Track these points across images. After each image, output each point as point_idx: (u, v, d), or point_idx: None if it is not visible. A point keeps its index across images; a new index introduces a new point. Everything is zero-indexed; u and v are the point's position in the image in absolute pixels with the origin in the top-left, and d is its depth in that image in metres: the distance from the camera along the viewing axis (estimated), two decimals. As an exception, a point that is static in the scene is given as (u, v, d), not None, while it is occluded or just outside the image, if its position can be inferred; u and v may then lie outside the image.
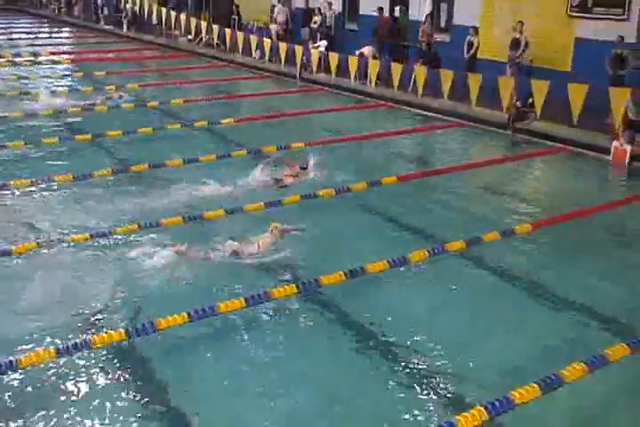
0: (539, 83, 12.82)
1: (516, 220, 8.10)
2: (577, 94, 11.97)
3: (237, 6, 23.20)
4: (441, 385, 4.89)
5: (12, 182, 8.91)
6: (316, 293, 6.25)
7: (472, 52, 14.88)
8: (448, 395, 4.78)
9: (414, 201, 9.01)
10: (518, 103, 12.30)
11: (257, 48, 19.38)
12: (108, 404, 4.74)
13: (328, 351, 5.45)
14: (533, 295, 6.46)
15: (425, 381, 4.94)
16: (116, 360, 5.27)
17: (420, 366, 5.14)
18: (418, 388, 4.88)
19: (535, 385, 4.44)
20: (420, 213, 8.55)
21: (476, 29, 15.07)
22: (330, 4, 19.21)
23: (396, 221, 8.24)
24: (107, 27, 27.45)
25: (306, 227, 7.39)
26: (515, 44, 14.13)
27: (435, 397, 4.77)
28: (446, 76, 14.06)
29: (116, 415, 4.62)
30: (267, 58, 19.03)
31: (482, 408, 4.19)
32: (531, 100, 12.27)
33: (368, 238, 7.74)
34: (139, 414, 4.62)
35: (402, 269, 6.69)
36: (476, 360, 5.21)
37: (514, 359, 5.28)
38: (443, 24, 17.37)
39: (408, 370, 5.09)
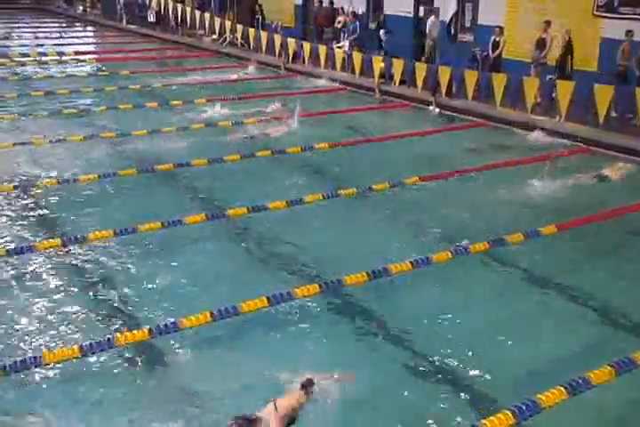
0: (564, 83, 12.70)
1: (540, 220, 7.99)
2: (603, 95, 11.81)
3: (260, 6, 23.25)
4: (465, 389, 4.84)
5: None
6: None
7: (497, 51, 14.75)
8: (473, 398, 4.73)
9: (439, 201, 8.95)
10: None
11: (281, 48, 19.41)
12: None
13: (354, 351, 5.42)
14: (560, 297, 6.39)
15: (449, 384, 4.89)
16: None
17: (443, 369, 5.08)
18: (441, 391, 4.83)
19: (562, 388, 4.37)
20: (443, 213, 8.48)
21: (501, 29, 14.94)
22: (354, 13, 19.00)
23: (418, 222, 8.20)
24: (131, 26, 27.62)
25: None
26: (540, 44, 13.96)
27: (459, 400, 4.72)
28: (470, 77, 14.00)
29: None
30: (289, 58, 19.05)
31: (509, 412, 4.13)
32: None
33: (391, 239, 7.71)
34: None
35: (425, 269, 6.64)
36: (501, 362, 5.15)
37: (540, 362, 5.21)
38: (467, 24, 17.22)
39: (430, 373, 5.04)
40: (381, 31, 17.44)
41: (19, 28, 28.00)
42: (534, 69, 14.06)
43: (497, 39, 14.80)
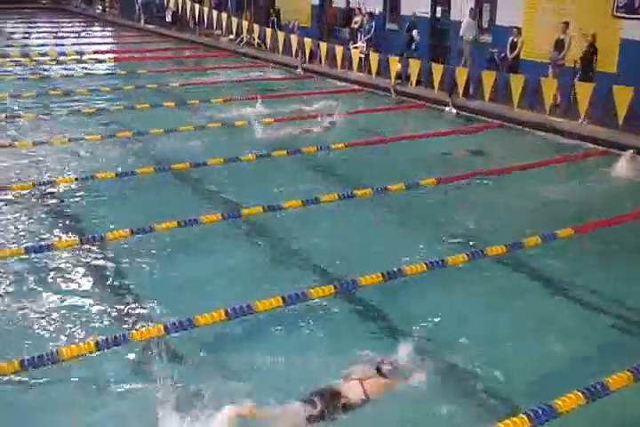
0: (583, 85, 12.60)
1: (558, 223, 7.94)
2: (623, 97, 11.71)
3: (276, 8, 23.32)
4: (480, 392, 4.81)
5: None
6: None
7: (515, 52, 14.67)
8: (488, 402, 4.70)
9: (455, 203, 8.92)
10: None
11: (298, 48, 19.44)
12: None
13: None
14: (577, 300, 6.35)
15: (464, 387, 4.87)
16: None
17: (458, 372, 5.06)
18: (456, 395, 4.81)
19: (579, 393, 4.33)
20: (459, 215, 8.45)
21: (519, 30, 14.86)
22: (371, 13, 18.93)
23: (435, 223, 8.17)
24: (149, 26, 27.78)
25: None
26: (559, 44, 13.86)
27: (475, 403, 4.69)
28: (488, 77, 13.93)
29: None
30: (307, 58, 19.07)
31: (524, 416, 4.10)
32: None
33: (407, 240, 7.69)
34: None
35: (440, 271, 6.62)
36: (517, 366, 5.12)
37: (556, 366, 5.18)
38: (485, 24, 17.13)
39: (445, 375, 5.02)
40: (414, 32, 16.98)
41: (38, 27, 28.25)
42: (552, 70, 13.96)
43: (515, 40, 14.71)
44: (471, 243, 7.46)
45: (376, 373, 4.60)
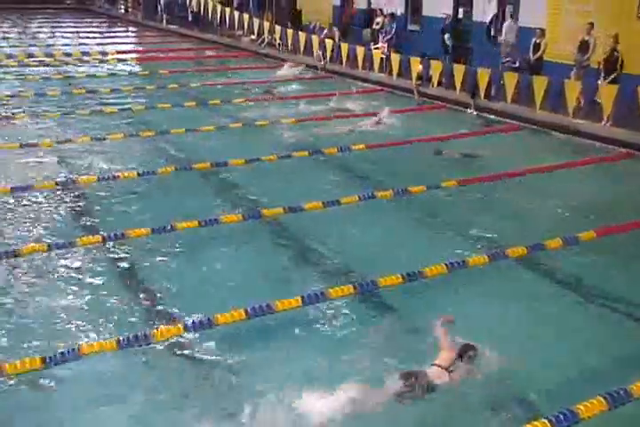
0: (607, 87, 12.47)
1: (580, 226, 7.86)
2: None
3: (298, 9, 23.38)
4: (501, 396, 4.77)
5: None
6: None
7: (538, 54, 14.54)
8: (510, 406, 4.66)
9: (477, 205, 8.87)
10: None
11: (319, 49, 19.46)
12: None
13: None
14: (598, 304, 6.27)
15: (485, 391, 4.83)
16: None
17: (478, 376, 5.02)
18: (477, 399, 4.77)
19: (601, 399, 4.28)
20: (481, 217, 8.40)
21: (542, 31, 14.73)
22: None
23: (455, 225, 8.14)
24: (171, 26, 27.97)
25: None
26: (583, 46, 13.72)
27: (496, 407, 4.65)
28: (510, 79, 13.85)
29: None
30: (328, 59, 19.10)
31: (546, 421, 4.06)
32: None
33: (427, 241, 7.66)
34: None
35: (460, 272, 6.58)
36: (539, 371, 5.07)
37: (578, 371, 5.12)
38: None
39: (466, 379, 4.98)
40: (446, 35, 16.74)
41: (62, 27, 28.54)
42: (576, 72, 13.82)
43: (538, 41, 14.59)
44: (492, 244, 7.40)
45: (459, 359, 4.89)
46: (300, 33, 20.79)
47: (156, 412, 4.66)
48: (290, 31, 21.25)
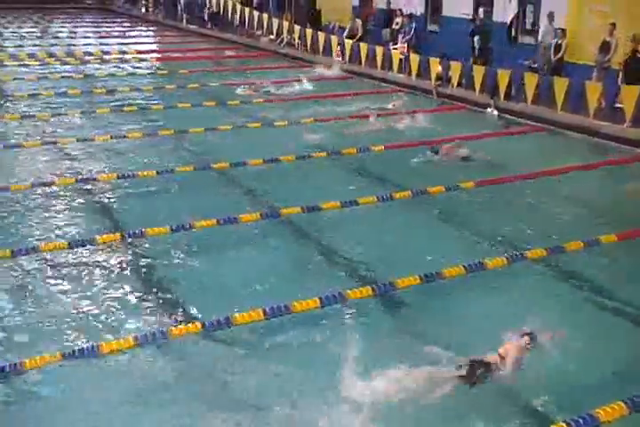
0: (628, 88, 12.34)
1: (601, 228, 7.78)
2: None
3: (317, 9, 23.38)
4: (521, 400, 4.74)
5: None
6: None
7: (559, 55, 14.42)
8: (529, 410, 4.63)
9: (494, 206, 8.81)
10: None
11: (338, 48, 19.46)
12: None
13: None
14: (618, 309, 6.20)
15: (504, 396, 4.79)
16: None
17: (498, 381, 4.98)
18: (495, 403, 4.74)
19: (622, 403, 4.23)
20: (500, 218, 8.34)
21: (563, 31, 14.60)
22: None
23: (475, 226, 8.09)
24: (191, 26, 28.10)
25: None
26: (605, 47, 13.59)
27: (515, 412, 4.61)
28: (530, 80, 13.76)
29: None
30: (347, 59, 19.09)
31: (565, 425, 4.02)
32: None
33: (446, 242, 7.63)
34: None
35: (478, 274, 6.54)
36: (558, 375, 5.02)
37: (597, 375, 5.07)
38: (528, 26, 16.90)
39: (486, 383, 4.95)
40: (476, 38, 16.25)
41: (83, 27, 28.79)
42: (597, 73, 13.70)
43: (559, 42, 14.48)
44: (511, 246, 7.35)
45: (522, 344, 5.00)
46: (319, 33, 20.80)
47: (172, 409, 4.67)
48: (309, 31, 21.26)
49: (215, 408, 4.63)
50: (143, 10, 34.72)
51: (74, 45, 22.79)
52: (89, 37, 25.30)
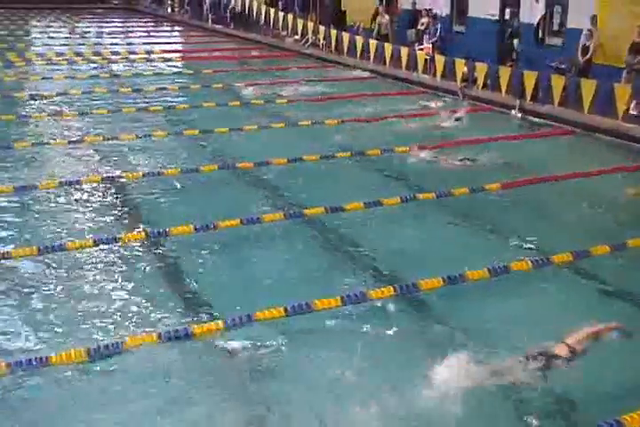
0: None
1: (628, 232, 7.67)
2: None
3: (342, 10, 23.38)
4: (545, 406, 4.68)
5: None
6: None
7: (587, 56, 14.26)
8: (554, 416, 4.58)
9: (519, 209, 8.74)
10: None
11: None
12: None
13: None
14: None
15: (525, 400, 4.75)
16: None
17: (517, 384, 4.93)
18: (518, 408, 4.70)
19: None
20: (525, 221, 8.27)
21: (591, 33, 14.44)
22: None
23: (499, 229, 8.03)
24: (216, 26, 28.26)
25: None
26: (634, 48, 13.40)
27: (540, 416, 4.57)
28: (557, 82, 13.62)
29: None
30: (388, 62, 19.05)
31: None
32: None
33: (469, 245, 7.58)
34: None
35: (503, 277, 6.49)
36: (584, 380, 4.96)
37: (623, 380, 4.99)
38: (555, 27, 16.74)
39: (507, 388, 4.90)
40: (515, 41, 16.08)
41: (109, 26, 29.08)
42: (626, 75, 13.52)
43: (587, 43, 14.32)
44: (536, 249, 7.28)
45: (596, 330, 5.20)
46: (343, 33, 20.80)
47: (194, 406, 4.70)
48: (333, 32, 21.26)
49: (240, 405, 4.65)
50: (169, 10, 34.98)
51: (101, 45, 23.03)
52: (116, 37, 25.54)
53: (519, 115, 13.89)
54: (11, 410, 4.60)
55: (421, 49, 18.01)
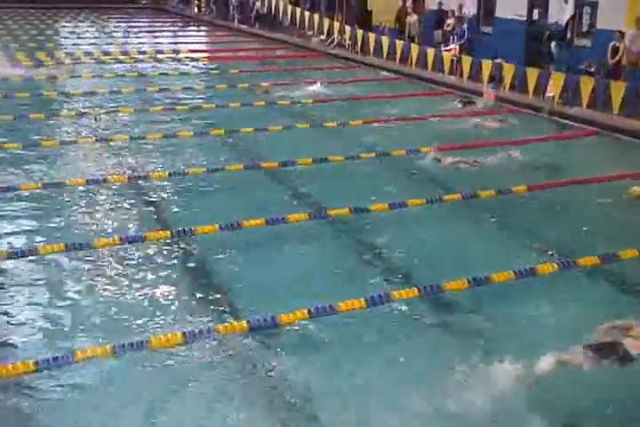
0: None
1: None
2: None
3: (368, 9, 23.33)
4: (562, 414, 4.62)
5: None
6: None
7: (617, 58, 14.05)
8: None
9: (547, 211, 8.64)
10: None
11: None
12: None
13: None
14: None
15: (541, 404, 4.69)
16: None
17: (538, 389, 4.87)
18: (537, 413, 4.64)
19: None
20: (553, 224, 8.17)
21: (621, 34, 14.22)
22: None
23: (526, 231, 7.94)
24: (242, 26, 28.37)
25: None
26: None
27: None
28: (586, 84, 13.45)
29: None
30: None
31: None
32: None
33: (495, 247, 7.51)
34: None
35: (529, 280, 6.42)
36: (607, 386, 4.89)
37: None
38: (585, 28, 16.52)
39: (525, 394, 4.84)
40: (553, 44, 15.64)
41: (137, 26, 29.33)
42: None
43: (617, 45, 14.11)
44: (562, 252, 7.19)
45: None
46: (369, 34, 20.76)
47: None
48: (359, 32, 21.22)
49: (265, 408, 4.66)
50: (196, 10, 35.20)
51: (128, 44, 23.24)
52: (143, 37, 25.75)
53: (549, 117, 13.72)
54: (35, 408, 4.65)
55: (448, 50, 17.90)
